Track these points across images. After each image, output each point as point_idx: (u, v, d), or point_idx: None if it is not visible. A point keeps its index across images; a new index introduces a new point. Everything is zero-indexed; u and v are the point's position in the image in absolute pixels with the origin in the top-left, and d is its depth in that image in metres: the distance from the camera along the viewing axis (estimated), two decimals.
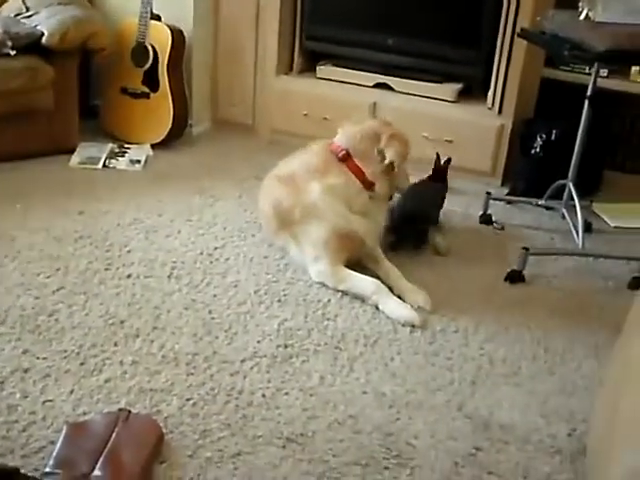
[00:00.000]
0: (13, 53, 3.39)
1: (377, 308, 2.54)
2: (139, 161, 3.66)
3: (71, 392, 2.02)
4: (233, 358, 2.23)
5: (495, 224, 3.31)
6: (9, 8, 3.71)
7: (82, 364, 2.14)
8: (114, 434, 1.82)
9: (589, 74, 3.01)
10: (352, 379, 2.18)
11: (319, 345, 2.33)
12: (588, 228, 3.25)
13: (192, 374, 2.14)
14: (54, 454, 1.77)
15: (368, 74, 3.97)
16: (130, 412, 1.92)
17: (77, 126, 3.72)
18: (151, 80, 3.80)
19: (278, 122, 4.07)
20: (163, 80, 3.78)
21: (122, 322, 2.36)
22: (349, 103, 3.88)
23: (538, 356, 2.38)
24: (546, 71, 3.77)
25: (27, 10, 3.67)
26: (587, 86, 3.02)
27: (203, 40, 4.03)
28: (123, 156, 3.70)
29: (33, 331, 2.27)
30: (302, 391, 2.11)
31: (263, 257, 2.84)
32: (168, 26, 3.77)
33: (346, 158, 2.75)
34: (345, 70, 4.02)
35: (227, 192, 3.41)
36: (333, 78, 4.03)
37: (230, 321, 2.41)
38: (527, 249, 2.84)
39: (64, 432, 1.83)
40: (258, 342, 2.31)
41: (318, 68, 4.08)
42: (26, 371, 2.09)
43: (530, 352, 2.40)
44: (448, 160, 3.25)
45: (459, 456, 1.92)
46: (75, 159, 3.61)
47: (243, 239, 2.97)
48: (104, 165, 3.60)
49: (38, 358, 2.15)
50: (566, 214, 3.22)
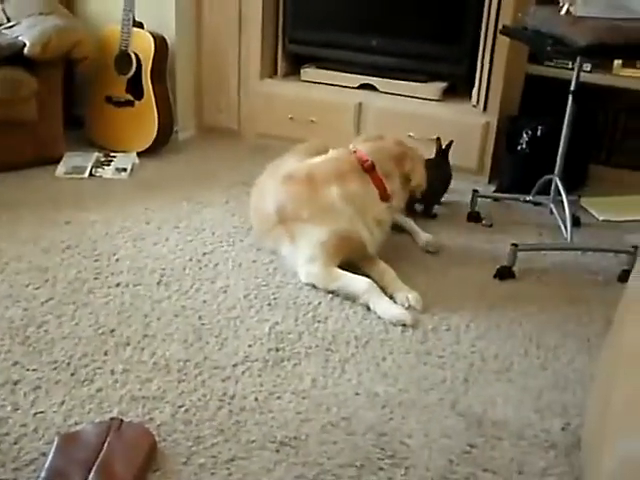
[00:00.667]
0: None
1: (368, 308, 2.53)
2: (125, 169, 3.65)
3: (62, 403, 2.01)
4: (224, 363, 2.22)
5: (483, 221, 3.31)
6: None
7: (73, 374, 2.13)
8: (106, 444, 1.81)
9: (572, 69, 3.02)
10: (344, 380, 2.18)
11: (310, 348, 2.32)
12: (576, 222, 3.26)
13: (184, 381, 2.13)
14: (46, 466, 1.75)
15: (352, 75, 3.97)
16: (122, 421, 1.90)
17: (62, 136, 3.71)
18: (135, 88, 3.79)
19: (264, 126, 4.08)
20: (147, 88, 3.77)
21: (112, 331, 2.35)
22: (334, 105, 3.88)
23: (530, 352, 2.38)
24: (530, 67, 3.79)
25: (8, 21, 3.67)
26: (571, 81, 3.02)
27: (186, 46, 4.03)
28: (109, 165, 3.69)
29: (23, 343, 2.26)
30: (294, 394, 2.10)
31: (252, 261, 2.83)
32: (151, 33, 3.76)
33: (371, 169, 2.75)
34: (329, 72, 4.02)
35: (214, 198, 3.40)
36: (318, 80, 4.03)
37: (220, 326, 2.41)
38: (516, 245, 2.84)
39: (56, 443, 1.81)
40: (249, 346, 2.30)
41: (302, 71, 4.09)
42: (16, 383, 2.08)
43: (522, 348, 2.40)
44: (450, 143, 3.37)
45: (453, 454, 1.92)
46: (61, 169, 3.60)
47: (232, 244, 2.97)
48: (90, 174, 3.59)
49: (28, 370, 2.13)
50: (554, 209, 3.23)
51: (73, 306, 2.47)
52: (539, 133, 3.55)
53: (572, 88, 3.00)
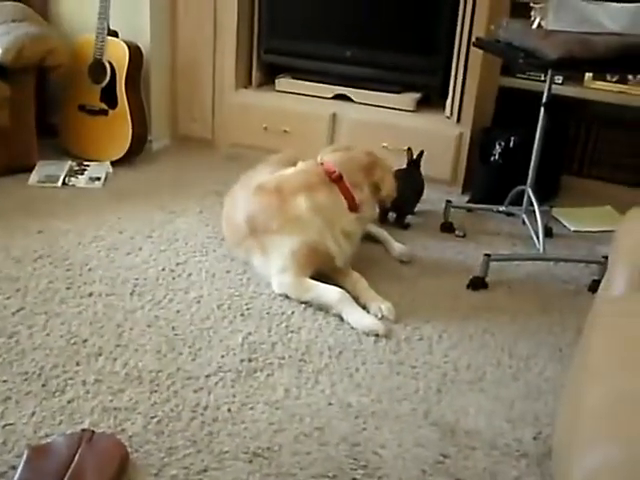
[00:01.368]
0: None
1: (341, 318, 2.54)
2: (99, 178, 3.63)
3: (32, 414, 1.99)
4: (197, 374, 2.21)
5: (457, 232, 3.33)
6: None
7: (44, 385, 2.11)
8: (77, 455, 1.79)
9: (544, 81, 3.05)
10: (317, 391, 2.18)
11: (283, 358, 2.32)
12: (548, 233, 3.29)
13: (156, 391, 2.12)
14: (16, 479, 1.73)
15: (327, 86, 3.99)
16: (94, 432, 1.89)
17: (35, 144, 3.69)
18: (109, 97, 3.78)
19: (238, 136, 4.08)
20: (121, 96, 3.76)
21: (84, 341, 2.33)
22: (309, 115, 3.89)
23: (502, 362, 2.40)
24: (503, 79, 3.84)
25: None
26: (543, 93, 3.05)
27: (161, 55, 4.03)
28: (82, 174, 3.67)
29: None
30: (267, 405, 2.10)
31: (225, 272, 2.83)
32: (125, 42, 3.75)
33: (338, 180, 2.75)
34: (304, 82, 4.03)
35: (188, 208, 3.39)
36: (292, 91, 4.04)
37: (194, 337, 2.40)
38: (489, 255, 2.86)
39: (25, 456, 1.79)
40: (222, 357, 2.30)
41: (277, 81, 4.09)
42: None
43: (494, 358, 2.41)
44: (421, 153, 3.42)
45: (426, 464, 1.92)
46: (34, 178, 3.58)
47: (205, 254, 2.96)
48: (63, 183, 3.56)
49: None
50: (526, 220, 3.25)
51: (45, 316, 2.45)
52: (512, 144, 3.58)
53: (544, 100, 3.03)
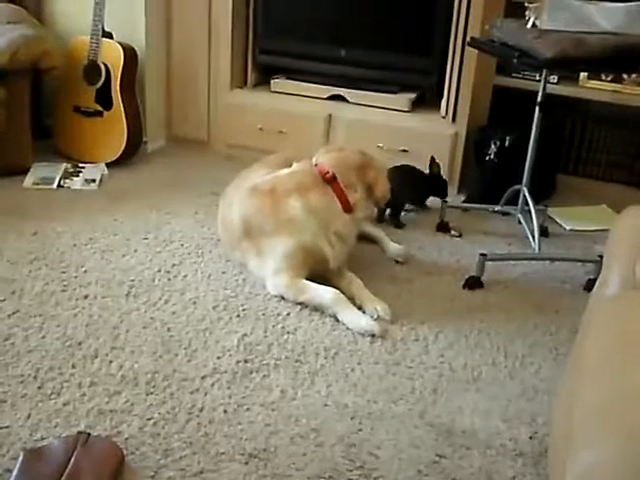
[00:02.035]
0: None
1: (337, 319, 2.54)
2: (94, 180, 3.62)
3: (28, 417, 1.98)
4: (193, 375, 2.21)
5: (452, 231, 3.33)
6: None
7: (39, 388, 2.10)
8: (73, 458, 1.79)
9: (539, 81, 3.06)
10: (313, 392, 2.17)
11: (279, 359, 2.32)
12: (544, 232, 3.29)
13: (152, 393, 2.12)
14: None
15: (322, 86, 3.98)
16: (89, 435, 1.89)
17: (30, 146, 3.68)
18: (104, 98, 3.78)
19: (233, 137, 4.07)
20: (116, 98, 3.75)
21: (80, 343, 2.33)
22: (304, 116, 3.89)
23: (498, 361, 2.40)
24: (498, 79, 3.83)
25: None
26: (538, 92, 3.06)
27: (156, 56, 4.02)
28: (78, 176, 3.66)
29: None
30: (263, 406, 2.10)
31: (221, 273, 2.83)
32: (120, 44, 3.75)
33: (332, 181, 2.73)
34: (299, 83, 4.03)
35: (183, 209, 3.39)
36: (287, 91, 4.04)
37: (189, 338, 2.40)
38: (485, 255, 2.86)
39: (21, 459, 1.78)
40: (218, 358, 2.30)
41: (272, 82, 4.09)
42: None
43: (490, 358, 2.41)
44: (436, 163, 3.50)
45: (422, 464, 1.92)
46: (29, 180, 3.57)
47: (201, 255, 2.96)
48: (59, 185, 3.56)
49: None
50: (522, 219, 3.26)
51: (40, 319, 2.45)
52: (507, 144, 3.58)
53: (539, 100, 3.03)
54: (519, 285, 2.91)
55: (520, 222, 3.28)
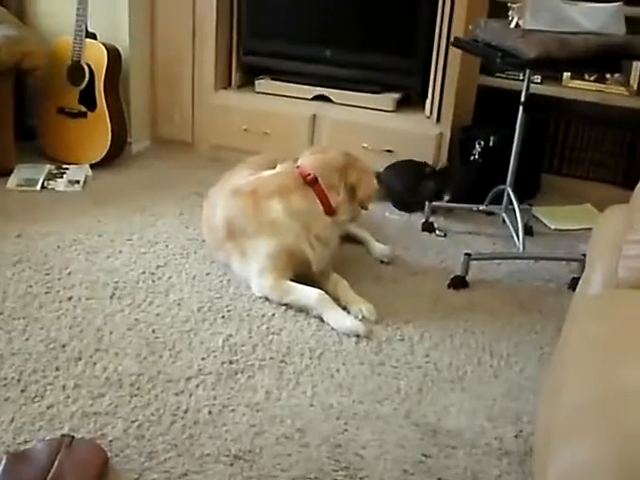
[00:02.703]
0: None
1: (322, 320, 2.53)
2: (78, 181, 3.61)
3: (12, 420, 1.97)
4: (178, 377, 2.20)
5: (437, 231, 3.34)
6: None
7: (23, 391, 2.09)
8: (57, 462, 1.78)
9: (523, 80, 3.07)
10: (298, 392, 2.17)
11: (264, 360, 2.31)
12: (529, 231, 3.30)
13: (136, 395, 2.11)
14: None
15: (307, 87, 3.98)
16: (73, 437, 1.87)
17: (13, 147, 3.66)
18: (88, 99, 3.76)
19: (218, 138, 4.06)
20: (100, 99, 3.74)
21: (64, 346, 2.31)
22: (289, 116, 3.89)
23: (483, 361, 2.40)
24: (482, 79, 3.84)
25: None
26: (521, 92, 3.07)
27: (140, 57, 4.01)
28: (62, 177, 3.64)
29: None
30: (248, 407, 2.09)
31: (206, 274, 2.82)
32: (104, 44, 3.73)
33: (314, 183, 2.72)
34: (284, 84, 4.03)
35: (168, 210, 3.38)
36: (272, 92, 4.04)
37: (174, 340, 2.39)
38: (469, 255, 2.87)
39: (4, 463, 1.77)
40: (203, 359, 2.29)
41: (257, 82, 4.08)
42: None
43: (475, 357, 2.42)
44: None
45: (408, 464, 1.92)
46: (12, 181, 3.55)
47: (185, 257, 2.95)
48: (42, 187, 3.54)
49: None
50: (506, 218, 3.26)
51: (24, 321, 2.43)
52: (491, 143, 3.59)
53: (522, 99, 3.04)
54: (504, 284, 2.92)
55: (505, 221, 3.29)
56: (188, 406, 2.08)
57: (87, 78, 3.73)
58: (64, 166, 3.75)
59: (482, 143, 3.60)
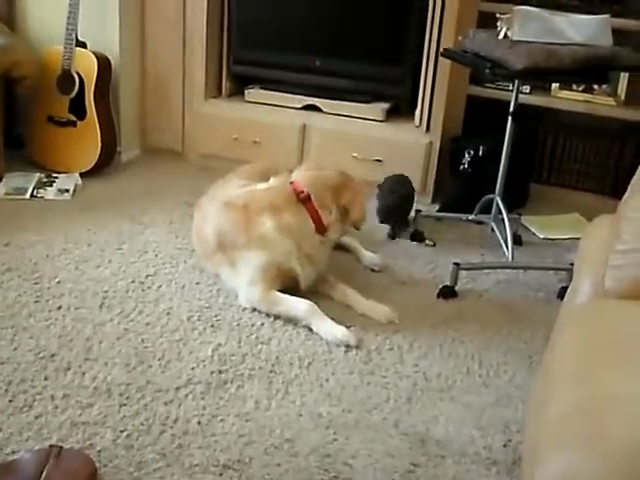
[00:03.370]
0: None
1: (311, 330, 2.54)
2: (68, 190, 3.60)
3: None
4: (167, 386, 2.20)
5: (427, 241, 3.34)
6: None
7: (11, 401, 2.08)
8: (45, 472, 1.77)
9: (512, 91, 3.08)
10: (288, 402, 2.17)
11: (254, 369, 2.31)
12: (518, 241, 3.32)
13: (125, 405, 2.11)
14: None
15: (297, 96, 3.99)
16: (62, 448, 1.87)
17: (2, 156, 3.65)
18: (78, 108, 3.75)
19: (207, 147, 4.06)
20: (90, 108, 3.74)
21: (52, 355, 2.31)
22: (278, 126, 3.90)
23: (472, 370, 2.41)
24: (472, 89, 3.86)
25: None
26: (510, 102, 3.08)
27: (130, 66, 4.01)
28: (51, 186, 3.63)
29: None
30: (238, 417, 2.09)
31: (195, 283, 2.82)
32: (94, 53, 3.73)
33: (307, 200, 2.70)
34: (274, 93, 4.03)
35: (157, 219, 3.38)
36: (262, 101, 4.04)
37: (163, 349, 2.38)
38: (458, 264, 2.88)
39: None
40: (192, 369, 2.29)
41: (246, 92, 4.09)
42: None
43: (464, 366, 2.43)
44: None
45: (397, 473, 1.93)
46: (1, 190, 3.54)
47: (175, 266, 2.95)
48: (32, 195, 3.53)
49: None
50: (495, 228, 3.28)
51: (12, 330, 2.42)
52: (481, 153, 3.61)
53: (511, 109, 3.06)
54: (493, 294, 2.93)
55: (493, 231, 3.30)
56: (177, 416, 2.07)
57: (77, 87, 3.73)
58: (54, 175, 3.74)
59: (471, 153, 3.62)
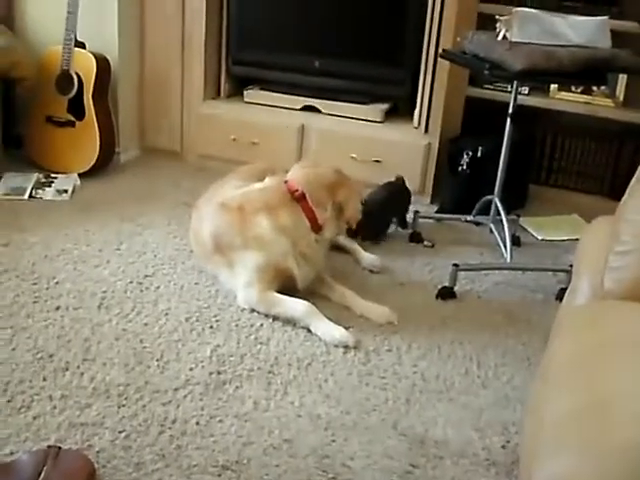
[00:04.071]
0: None
1: (309, 331, 2.53)
2: (66, 191, 3.60)
3: None
4: (166, 387, 2.20)
5: (425, 242, 3.34)
6: None
7: (9, 401, 2.08)
8: (43, 473, 1.76)
9: (510, 92, 3.09)
10: (286, 403, 2.17)
11: (252, 370, 2.31)
12: (516, 242, 3.32)
13: (124, 405, 2.10)
14: None
15: (295, 97, 4.00)
16: (60, 448, 1.86)
17: (1, 156, 3.65)
18: (76, 108, 3.75)
19: (206, 148, 4.07)
20: (89, 108, 3.73)
21: (51, 356, 2.30)
22: (277, 127, 3.90)
23: (471, 371, 2.41)
24: (470, 90, 3.87)
25: None
26: (509, 104, 3.09)
27: (129, 67, 4.00)
28: (50, 186, 3.63)
29: None
30: (236, 417, 2.09)
31: (194, 284, 2.82)
32: (93, 53, 3.73)
33: (301, 199, 2.70)
34: (272, 94, 4.04)
35: (156, 220, 3.38)
36: (261, 102, 4.05)
37: (162, 350, 2.38)
38: (457, 265, 2.88)
39: None
40: (190, 370, 2.29)
41: (245, 93, 4.09)
42: None
43: (463, 367, 2.42)
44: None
45: (395, 474, 1.92)
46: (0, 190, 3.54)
47: (173, 267, 2.95)
48: (30, 196, 3.53)
49: None
50: (494, 229, 3.28)
51: (10, 331, 2.42)
52: (479, 154, 3.61)
53: (510, 111, 3.06)
54: (491, 295, 2.93)
55: (492, 232, 3.30)
56: (176, 416, 2.07)
57: (76, 87, 3.73)
58: (52, 175, 3.74)
59: (470, 154, 3.62)
